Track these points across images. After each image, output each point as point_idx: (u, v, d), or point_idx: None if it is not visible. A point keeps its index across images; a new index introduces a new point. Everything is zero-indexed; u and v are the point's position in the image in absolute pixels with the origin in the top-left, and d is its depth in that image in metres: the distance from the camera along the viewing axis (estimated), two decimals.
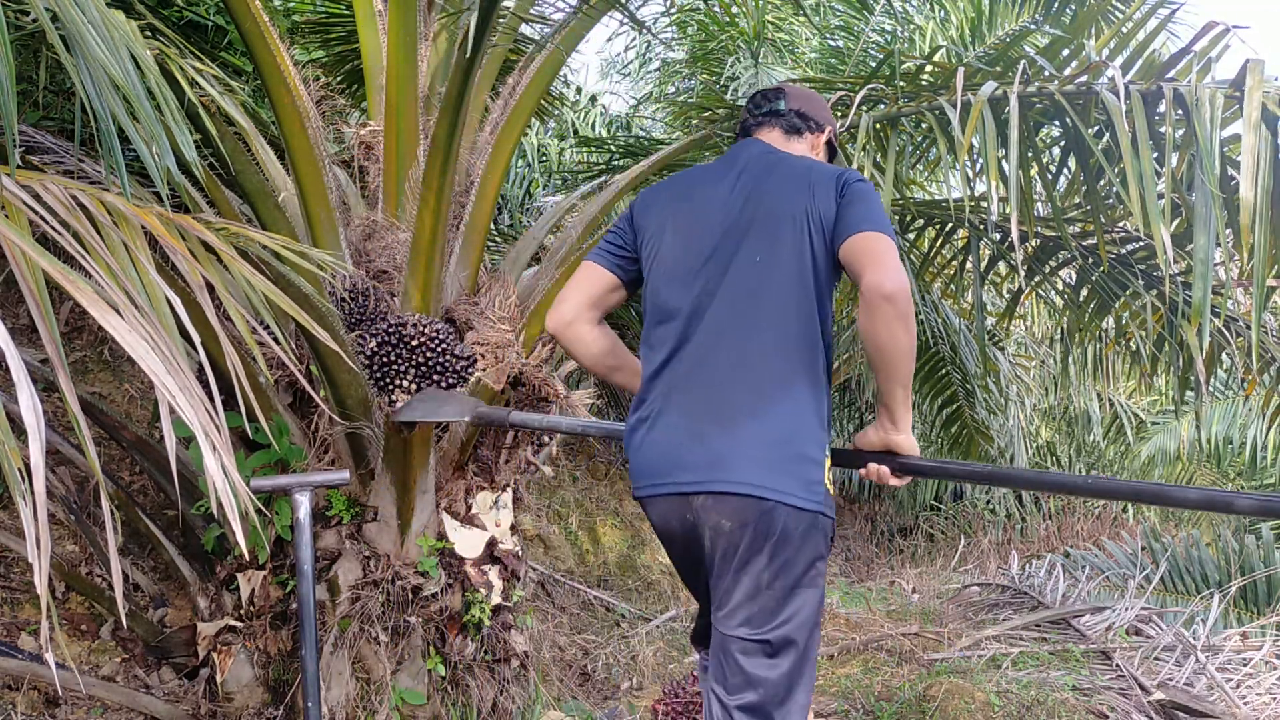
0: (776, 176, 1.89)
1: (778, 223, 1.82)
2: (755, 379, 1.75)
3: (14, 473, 1.29)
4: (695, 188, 1.97)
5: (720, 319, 1.81)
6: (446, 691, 2.93)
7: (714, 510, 1.75)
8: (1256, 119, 2.40)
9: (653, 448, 1.84)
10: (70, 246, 1.52)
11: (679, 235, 1.92)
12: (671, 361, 1.85)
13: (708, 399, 1.78)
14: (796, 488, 1.72)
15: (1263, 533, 5.80)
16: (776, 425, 1.73)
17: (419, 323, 2.87)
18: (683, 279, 1.87)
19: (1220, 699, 3.80)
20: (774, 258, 1.80)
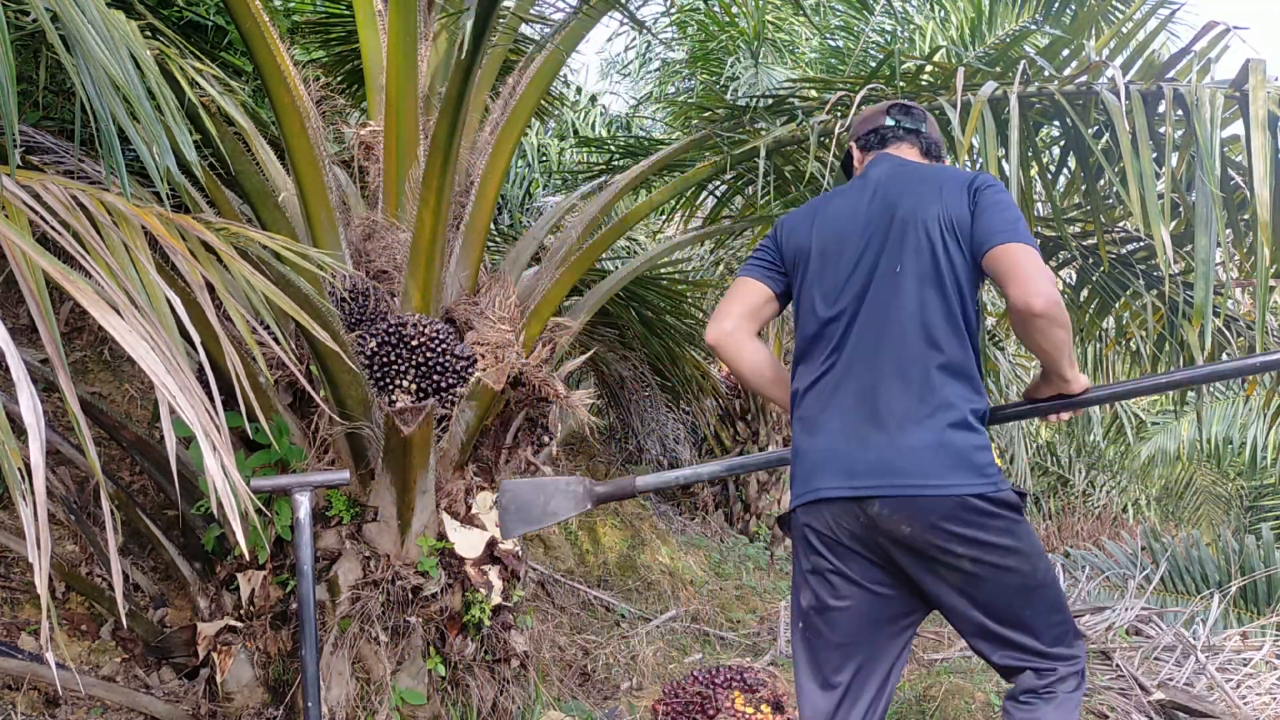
0: (909, 184, 1.96)
1: (914, 230, 1.87)
2: (907, 385, 1.81)
3: (14, 473, 1.28)
4: (836, 205, 2.05)
5: (868, 329, 1.87)
6: (446, 691, 2.93)
7: (891, 514, 1.79)
8: (1262, 118, 2.40)
9: (815, 454, 1.88)
10: (70, 246, 1.52)
11: (824, 251, 1.98)
12: (828, 374, 1.90)
13: (867, 408, 1.83)
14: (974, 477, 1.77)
15: (1263, 533, 5.80)
16: (936, 428, 1.79)
17: (419, 323, 2.87)
18: (830, 293, 1.94)
19: (1220, 699, 3.81)
20: (911, 265, 1.85)
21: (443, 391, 2.92)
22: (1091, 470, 10.59)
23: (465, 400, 2.95)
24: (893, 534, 1.80)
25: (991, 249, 1.80)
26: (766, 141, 3.51)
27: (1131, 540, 6.43)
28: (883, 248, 1.90)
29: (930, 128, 2.17)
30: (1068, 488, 10.51)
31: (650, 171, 3.80)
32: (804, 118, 3.63)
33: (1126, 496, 10.49)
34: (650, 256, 4.02)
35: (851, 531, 1.85)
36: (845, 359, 1.88)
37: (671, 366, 5.74)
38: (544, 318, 3.32)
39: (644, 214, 3.74)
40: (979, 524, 1.77)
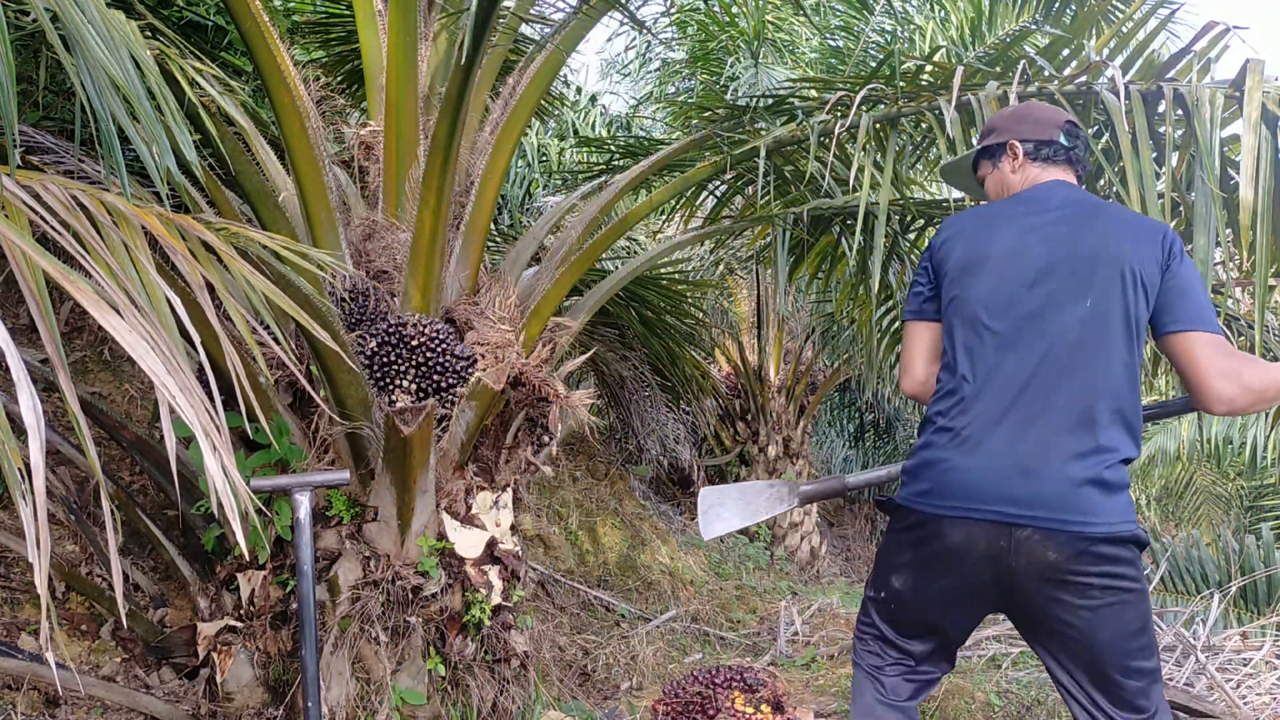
0: (1101, 219, 1.92)
1: (1105, 269, 1.85)
2: (1078, 424, 1.81)
3: (14, 473, 1.29)
4: (1009, 217, 1.99)
5: (1044, 358, 1.84)
6: (446, 691, 2.93)
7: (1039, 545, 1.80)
8: (1256, 119, 2.40)
9: (968, 472, 1.87)
10: (70, 246, 1.52)
11: (995, 264, 1.93)
12: (986, 392, 1.88)
13: (1033, 437, 1.83)
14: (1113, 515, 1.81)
15: (1263, 533, 5.80)
16: (1095, 468, 1.80)
17: (419, 323, 2.87)
18: (1000, 309, 1.90)
19: (1220, 699, 3.81)
20: (1100, 304, 1.84)
21: (443, 391, 2.92)
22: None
23: (465, 400, 2.95)
24: (1035, 561, 1.81)
25: (1184, 334, 1.83)
26: (766, 141, 3.51)
27: None
28: (1070, 278, 1.86)
29: (1086, 156, 2.14)
30: None
31: (650, 171, 3.79)
32: (804, 118, 3.63)
33: None
34: (650, 256, 4.02)
35: (987, 554, 1.86)
36: (1012, 381, 1.85)
37: (671, 366, 5.74)
38: (544, 318, 3.32)
39: (644, 214, 3.74)
40: (1117, 560, 1.80)
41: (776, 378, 8.04)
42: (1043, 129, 2.07)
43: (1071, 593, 1.81)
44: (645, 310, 5.10)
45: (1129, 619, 1.83)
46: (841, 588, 6.93)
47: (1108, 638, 1.83)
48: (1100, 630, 1.83)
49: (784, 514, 7.79)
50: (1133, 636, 1.84)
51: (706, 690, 3.39)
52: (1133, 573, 1.82)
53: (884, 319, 5.50)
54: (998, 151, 2.14)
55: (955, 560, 1.89)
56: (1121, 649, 1.83)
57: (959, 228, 2.03)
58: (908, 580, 2.00)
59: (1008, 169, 2.11)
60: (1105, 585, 1.80)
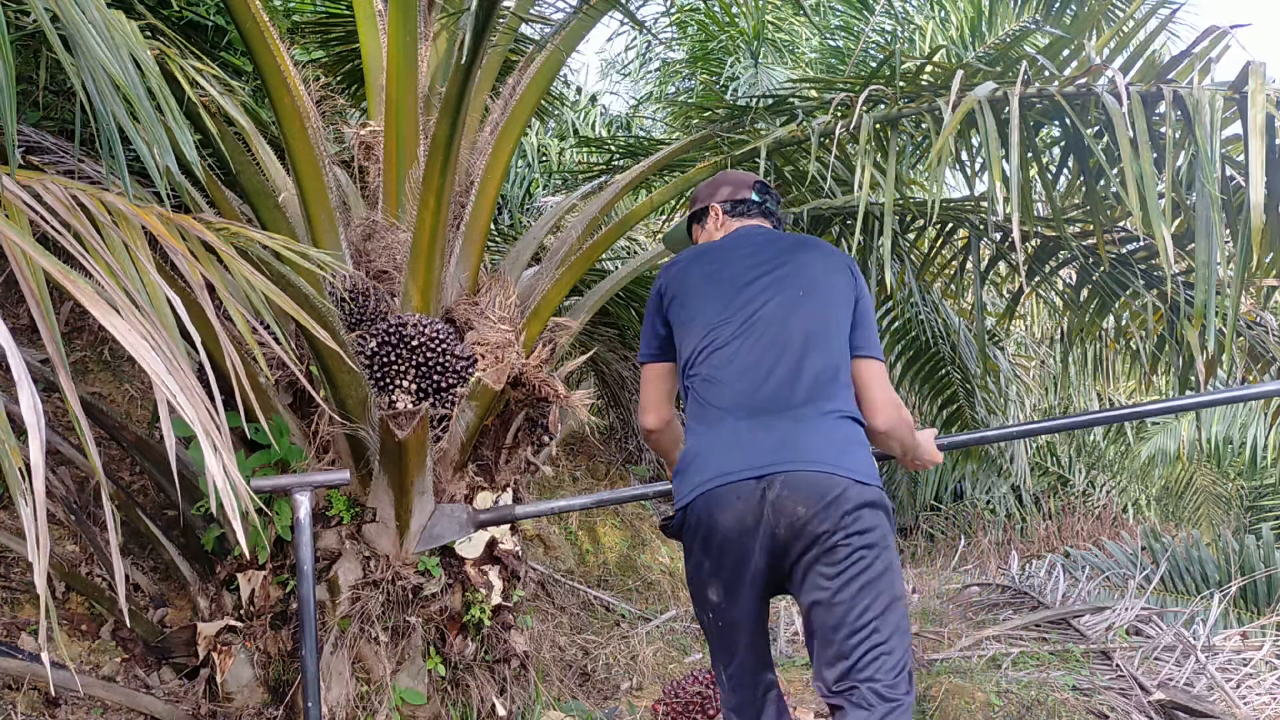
0: (797, 247, 2.24)
1: (809, 276, 2.14)
2: (804, 387, 2.01)
3: (14, 473, 1.29)
4: (719, 253, 2.25)
5: (778, 347, 2.04)
6: (446, 691, 2.93)
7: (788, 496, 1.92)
8: (1260, 123, 2.39)
9: (717, 450, 2.01)
10: (70, 246, 1.52)
11: (711, 284, 2.17)
12: (724, 385, 2.05)
13: (767, 409, 2.00)
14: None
15: (1263, 533, 5.80)
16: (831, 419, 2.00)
17: (419, 323, 2.87)
18: (726, 317, 2.11)
19: (1220, 699, 3.81)
20: (813, 301, 2.10)
21: (443, 391, 2.92)
22: (1091, 470, 10.59)
23: (465, 400, 2.95)
24: (786, 516, 1.90)
25: (859, 359, 2.11)
26: (766, 142, 3.51)
27: (1131, 540, 6.43)
28: (781, 282, 2.12)
29: (778, 209, 2.45)
30: (1068, 488, 10.51)
31: (650, 171, 3.79)
32: (804, 118, 3.63)
33: (1126, 496, 10.49)
34: (650, 256, 4.02)
35: (751, 520, 1.93)
36: (745, 375, 2.03)
37: None
38: (544, 318, 3.32)
39: (644, 214, 3.74)
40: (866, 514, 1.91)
41: None
42: (736, 190, 2.41)
43: (823, 548, 1.89)
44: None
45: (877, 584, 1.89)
46: None
47: (843, 600, 1.87)
48: (842, 588, 1.88)
49: None
50: (867, 603, 1.88)
51: (706, 690, 3.38)
52: (878, 535, 1.91)
53: (884, 319, 5.50)
54: (703, 215, 2.45)
55: (731, 539, 1.95)
56: (853, 615, 1.87)
57: (674, 271, 2.26)
58: (716, 586, 2.02)
59: (712, 227, 2.40)
60: (857, 544, 1.89)
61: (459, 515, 2.77)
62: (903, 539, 10.14)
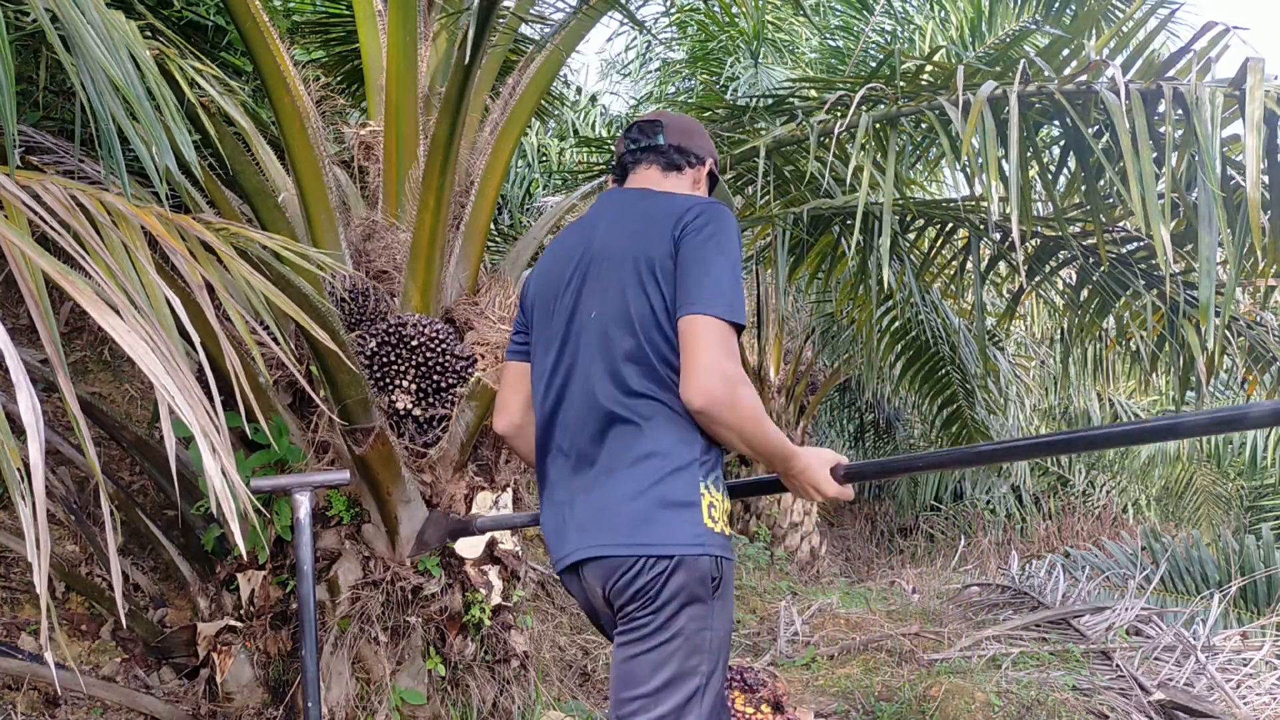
0: (615, 220, 1.76)
1: (614, 272, 1.67)
2: (606, 437, 1.62)
3: (14, 473, 1.28)
4: (553, 250, 1.88)
5: (573, 380, 1.69)
6: (446, 691, 2.93)
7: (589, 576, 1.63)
8: (1257, 119, 2.40)
9: (545, 527, 1.75)
10: (70, 247, 1.52)
11: (542, 301, 1.82)
12: (548, 430, 1.75)
13: (573, 462, 1.68)
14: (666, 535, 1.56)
15: (1263, 533, 5.79)
16: (632, 479, 1.58)
17: (419, 323, 2.87)
18: (545, 345, 1.78)
19: (1220, 699, 3.81)
20: (609, 309, 1.66)
21: (443, 391, 2.92)
22: (1091, 470, 10.59)
23: (465, 400, 2.95)
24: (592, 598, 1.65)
25: (681, 316, 1.58)
26: (766, 141, 3.51)
27: (1131, 540, 6.43)
28: (582, 292, 1.71)
29: (672, 134, 1.87)
30: (1068, 488, 10.51)
31: None
32: (804, 118, 3.63)
33: (1126, 496, 10.49)
34: None
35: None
36: (559, 415, 1.71)
37: None
38: None
39: None
40: (649, 587, 1.55)
41: (776, 377, 8.04)
42: (620, 145, 1.93)
43: (622, 620, 1.60)
44: None
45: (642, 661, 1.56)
46: (841, 588, 6.93)
47: (618, 679, 1.59)
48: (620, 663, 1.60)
49: (784, 514, 7.79)
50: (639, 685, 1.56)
51: None
52: (649, 614, 1.54)
53: (884, 319, 5.50)
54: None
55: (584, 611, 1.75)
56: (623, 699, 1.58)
57: (531, 275, 1.95)
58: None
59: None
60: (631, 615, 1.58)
61: (439, 522, 2.70)
62: (903, 539, 10.15)
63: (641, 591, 1.55)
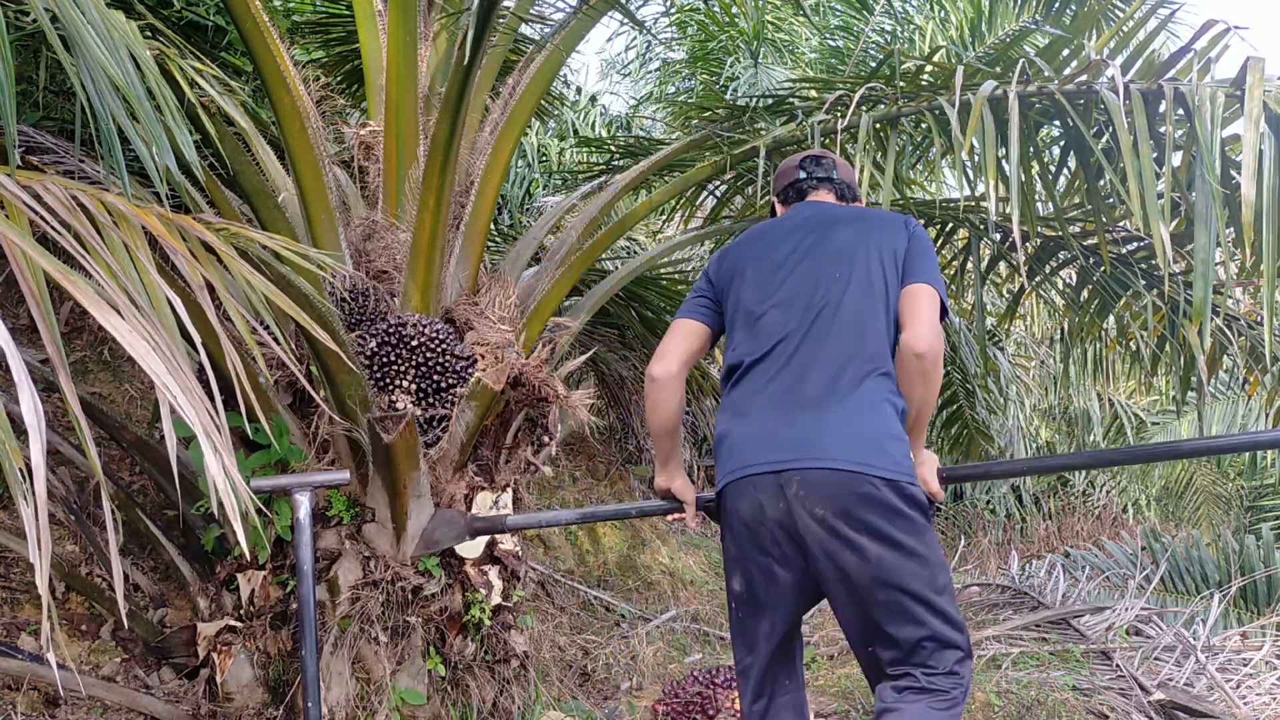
0: (843, 218, 2.17)
1: (858, 254, 2.05)
2: (835, 377, 1.94)
3: (15, 473, 1.28)
4: (767, 235, 2.22)
5: (807, 334, 1.99)
6: (446, 691, 2.93)
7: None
8: (1257, 115, 2.40)
9: (743, 437, 1.98)
10: (70, 247, 1.52)
11: (753, 265, 2.15)
12: (756, 366, 2.02)
13: (792, 400, 1.95)
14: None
15: (1263, 533, 5.80)
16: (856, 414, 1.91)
17: (419, 323, 2.87)
18: (762, 298, 2.08)
19: (1220, 699, 3.81)
20: (853, 282, 2.02)
21: (443, 391, 2.92)
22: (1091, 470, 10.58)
23: (465, 400, 2.95)
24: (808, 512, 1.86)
25: (911, 285, 2.02)
26: (766, 141, 3.51)
27: (1131, 540, 6.43)
28: (819, 265, 2.06)
29: (842, 172, 2.35)
30: (1068, 488, 10.51)
31: (650, 172, 3.79)
32: (804, 118, 3.63)
33: (1126, 496, 10.49)
34: (650, 256, 4.02)
35: (772, 513, 1.91)
36: (776, 357, 2.00)
37: None
38: (544, 318, 3.32)
39: (644, 214, 3.75)
40: (886, 507, 1.85)
41: None
42: (784, 179, 2.37)
43: (846, 547, 1.84)
44: (645, 310, 5.10)
45: (903, 577, 1.85)
46: None
47: (879, 592, 1.84)
48: (872, 587, 1.84)
49: None
50: (908, 595, 1.85)
51: (706, 690, 3.38)
52: (898, 525, 1.85)
53: None
54: (773, 213, 2.46)
55: (754, 530, 1.93)
56: (891, 607, 1.84)
57: (728, 250, 2.28)
58: (738, 576, 2.01)
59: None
60: (876, 542, 1.84)
61: (456, 521, 2.78)
62: None
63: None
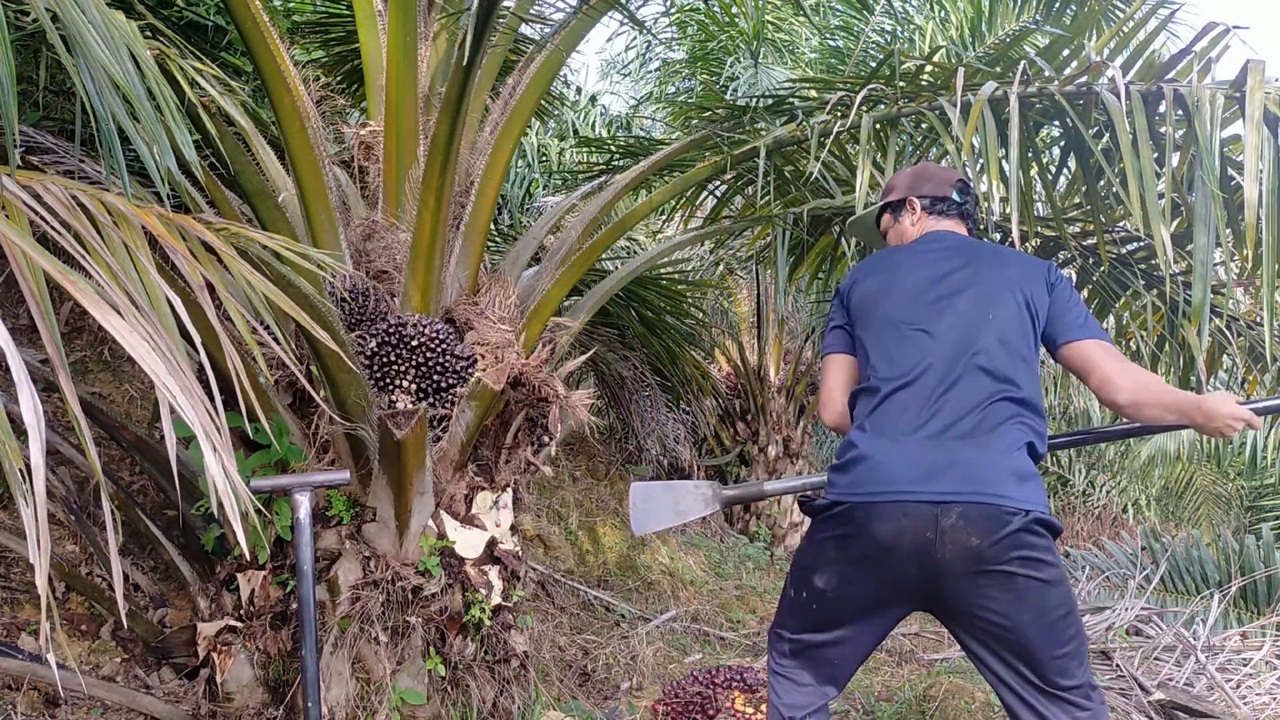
0: (992, 255, 2.19)
1: (1002, 288, 2.09)
2: (986, 413, 1.98)
3: (14, 473, 1.28)
4: (910, 256, 2.23)
5: (956, 358, 2.02)
6: (446, 691, 2.93)
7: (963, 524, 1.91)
8: (1258, 118, 2.40)
9: (894, 463, 1.99)
10: (71, 247, 1.52)
11: (905, 286, 2.14)
12: (906, 391, 2.03)
13: (948, 432, 1.97)
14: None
15: (1263, 533, 5.80)
16: (1003, 452, 1.96)
17: (419, 323, 2.87)
18: (912, 321, 2.08)
19: (1220, 699, 3.81)
20: (1001, 315, 2.06)
21: (443, 391, 2.92)
22: (1091, 470, 10.60)
23: (465, 400, 2.95)
24: (959, 546, 1.89)
25: (1075, 341, 2.07)
26: (766, 141, 3.51)
27: (1131, 540, 6.43)
28: (972, 294, 2.08)
29: (976, 211, 2.40)
30: (1068, 488, 10.52)
31: (650, 172, 3.79)
32: (804, 118, 3.63)
33: (1126, 496, 10.49)
34: (650, 256, 4.02)
35: (913, 543, 1.92)
36: (927, 384, 2.01)
37: (671, 366, 5.74)
38: (544, 318, 3.32)
39: (644, 214, 3.74)
40: (1034, 544, 1.90)
41: (776, 378, 8.03)
42: (938, 187, 2.34)
43: (994, 579, 1.89)
44: (645, 310, 5.10)
45: (1050, 603, 1.91)
46: None
47: (1030, 619, 1.90)
48: (1023, 613, 1.90)
49: (784, 514, 7.80)
50: (1057, 619, 1.92)
51: (706, 690, 3.39)
52: (1050, 557, 1.92)
53: None
54: (899, 207, 2.40)
55: (883, 551, 1.95)
56: (1045, 631, 1.90)
57: (866, 270, 2.25)
58: (831, 578, 2.05)
59: (907, 222, 2.37)
60: (1027, 574, 1.89)
61: (705, 492, 2.63)
62: None
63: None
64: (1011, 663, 1.95)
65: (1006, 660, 1.96)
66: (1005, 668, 1.96)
